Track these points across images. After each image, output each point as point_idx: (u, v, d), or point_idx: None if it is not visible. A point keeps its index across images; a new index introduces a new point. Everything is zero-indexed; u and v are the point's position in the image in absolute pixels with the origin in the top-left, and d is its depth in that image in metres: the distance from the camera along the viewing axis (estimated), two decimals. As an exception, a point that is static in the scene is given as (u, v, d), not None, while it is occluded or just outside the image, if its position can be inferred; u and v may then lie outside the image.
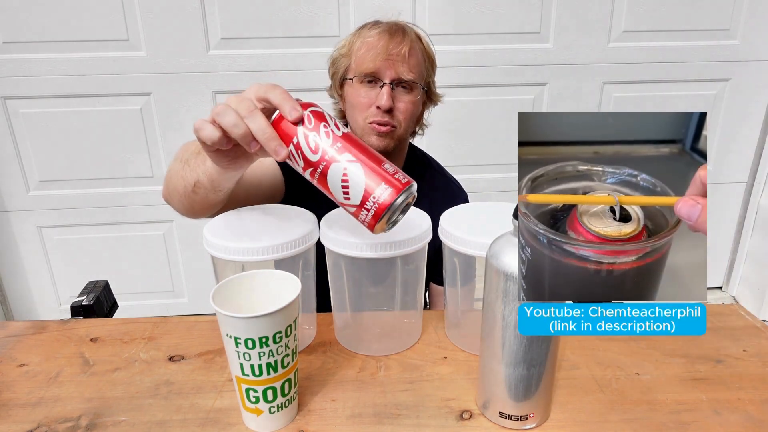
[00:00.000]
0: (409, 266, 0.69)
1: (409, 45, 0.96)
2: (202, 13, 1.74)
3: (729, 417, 0.60)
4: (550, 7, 1.84)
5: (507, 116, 1.97)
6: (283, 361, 0.56)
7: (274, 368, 0.55)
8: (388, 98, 0.95)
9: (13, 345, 0.74)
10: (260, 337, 0.53)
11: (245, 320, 0.52)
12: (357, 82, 0.97)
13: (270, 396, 0.57)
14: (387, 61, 0.94)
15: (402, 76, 0.96)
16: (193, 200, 0.77)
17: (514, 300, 0.52)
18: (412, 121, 1.03)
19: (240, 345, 0.53)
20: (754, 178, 2.14)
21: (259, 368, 0.55)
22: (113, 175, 1.90)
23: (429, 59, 1.02)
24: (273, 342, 0.54)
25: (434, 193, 1.09)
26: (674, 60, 1.94)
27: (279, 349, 0.55)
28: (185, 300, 2.14)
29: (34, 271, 2.02)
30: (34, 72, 1.75)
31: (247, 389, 0.56)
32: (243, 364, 0.54)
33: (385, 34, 0.95)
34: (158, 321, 0.79)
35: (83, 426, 0.59)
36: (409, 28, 0.99)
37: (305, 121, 0.57)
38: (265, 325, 0.53)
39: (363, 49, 0.96)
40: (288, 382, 0.57)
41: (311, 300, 0.74)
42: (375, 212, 0.56)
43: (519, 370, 0.55)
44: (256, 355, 0.54)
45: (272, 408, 0.57)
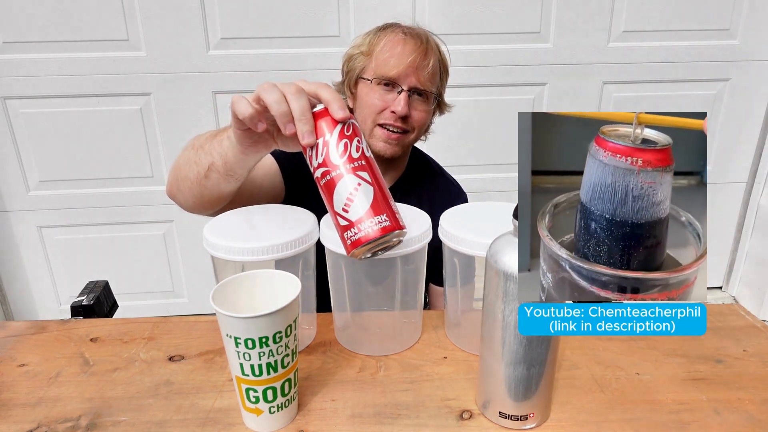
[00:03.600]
0: (409, 266, 0.69)
1: (434, 56, 0.97)
2: (202, 13, 1.74)
3: (729, 417, 0.60)
4: (550, 7, 1.84)
5: (507, 116, 1.97)
6: (283, 361, 0.56)
7: (274, 368, 0.55)
8: (405, 105, 0.95)
9: (13, 345, 0.74)
10: (260, 337, 0.53)
11: (245, 320, 0.52)
12: (374, 83, 0.97)
13: (270, 396, 0.57)
14: (410, 68, 0.95)
15: (421, 86, 0.97)
16: (204, 187, 0.77)
17: (514, 300, 0.52)
18: (424, 129, 1.04)
19: (240, 345, 0.53)
20: (754, 178, 2.13)
21: (259, 368, 0.55)
22: (113, 175, 1.90)
23: (444, 69, 1.03)
24: (273, 342, 0.54)
25: (434, 194, 1.09)
26: (674, 60, 1.94)
27: (279, 349, 0.55)
28: (185, 300, 2.14)
29: (34, 271, 2.02)
30: (34, 72, 1.75)
31: (247, 389, 0.56)
32: (243, 364, 0.54)
33: (411, 42, 0.96)
34: (158, 321, 0.79)
35: (83, 426, 0.59)
36: (432, 38, 1.00)
37: (345, 126, 0.57)
38: (264, 325, 0.53)
39: (386, 53, 0.96)
40: (288, 382, 0.57)
41: (311, 300, 0.74)
42: (363, 236, 0.56)
43: (519, 370, 0.55)
44: (256, 355, 0.54)
45: (272, 408, 0.57)
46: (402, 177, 1.08)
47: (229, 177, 0.75)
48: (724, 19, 1.90)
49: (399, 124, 0.97)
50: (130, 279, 2.04)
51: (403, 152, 1.04)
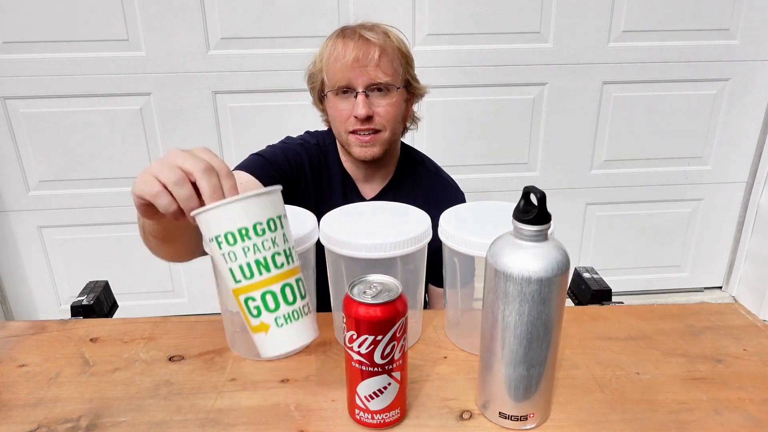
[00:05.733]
0: (408, 266, 0.69)
1: (378, 47, 0.93)
2: (202, 13, 1.74)
3: (729, 416, 0.60)
4: (550, 7, 1.84)
5: (507, 116, 1.97)
6: (274, 260, 0.53)
7: (265, 267, 0.53)
8: (363, 106, 0.94)
9: (13, 345, 0.74)
10: (239, 228, 0.51)
11: (220, 209, 0.51)
12: (332, 95, 0.97)
13: (271, 303, 0.53)
14: (357, 69, 0.93)
15: (375, 81, 0.94)
16: (161, 250, 0.76)
17: (514, 300, 0.52)
18: (397, 122, 1.01)
19: (222, 245, 0.52)
20: (754, 178, 2.13)
21: (248, 267, 0.52)
22: (113, 175, 1.90)
23: (402, 55, 0.99)
24: (255, 234, 0.52)
25: (429, 194, 1.08)
26: (674, 60, 1.93)
27: (265, 244, 0.52)
28: (185, 300, 2.14)
29: (34, 271, 2.02)
30: (34, 72, 1.75)
31: (246, 299, 0.53)
32: (232, 268, 0.52)
33: (349, 41, 0.94)
34: (158, 321, 0.79)
35: (83, 427, 0.59)
36: (378, 28, 0.97)
37: (399, 327, 0.55)
38: (241, 213, 0.51)
39: (331, 61, 0.95)
40: (289, 288, 0.54)
41: (311, 300, 0.74)
42: (373, 424, 0.58)
43: (519, 370, 0.55)
44: (241, 252, 0.52)
45: (278, 319, 0.53)
46: (394, 177, 1.08)
47: (167, 242, 0.73)
48: (724, 19, 1.90)
49: (366, 126, 0.96)
50: (130, 279, 2.04)
51: (387, 151, 1.01)
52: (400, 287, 0.55)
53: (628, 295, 2.26)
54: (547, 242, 0.53)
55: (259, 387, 0.65)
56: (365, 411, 0.57)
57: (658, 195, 2.13)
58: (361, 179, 1.07)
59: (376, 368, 0.55)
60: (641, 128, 2.02)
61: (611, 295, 0.91)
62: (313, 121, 1.12)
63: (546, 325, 0.53)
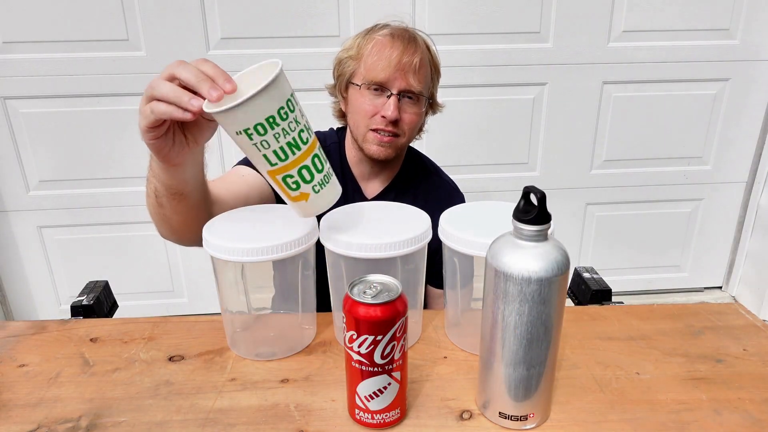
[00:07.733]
0: (408, 266, 0.69)
1: (420, 56, 0.95)
2: (202, 13, 1.74)
3: (729, 416, 0.60)
4: (550, 7, 1.84)
5: (507, 116, 1.97)
6: (300, 137, 0.57)
7: (296, 146, 0.57)
8: (395, 109, 0.94)
9: (13, 345, 0.74)
10: (266, 118, 0.54)
11: (245, 105, 0.53)
12: (364, 88, 0.97)
13: (306, 175, 0.59)
14: (398, 71, 0.94)
15: (410, 88, 0.95)
16: (166, 216, 0.77)
17: (514, 300, 0.52)
18: (415, 131, 1.03)
19: (253, 136, 0.55)
20: (754, 178, 2.13)
21: (282, 151, 0.56)
22: (113, 175, 1.90)
23: (435, 69, 1.02)
24: (281, 119, 0.55)
25: (428, 193, 1.09)
26: (674, 60, 1.93)
27: (290, 126, 0.56)
28: (185, 300, 2.14)
29: (34, 271, 2.02)
30: (34, 72, 1.75)
31: (284, 177, 0.58)
32: (266, 154, 0.56)
33: (398, 43, 0.94)
34: (158, 321, 0.79)
35: (83, 427, 0.59)
36: (420, 37, 0.98)
37: (399, 327, 0.56)
38: (266, 103, 0.54)
39: (374, 57, 0.95)
40: (317, 158, 0.60)
41: (311, 300, 0.74)
42: (372, 424, 0.58)
43: (519, 370, 0.55)
44: (273, 138, 0.55)
45: (315, 187, 0.60)
46: (397, 177, 1.08)
47: (177, 197, 0.74)
48: (724, 19, 1.90)
49: (390, 128, 0.96)
50: (130, 279, 2.04)
51: (397, 154, 1.03)
52: (400, 287, 0.55)
53: (628, 295, 2.26)
54: (547, 242, 0.53)
55: (259, 387, 0.65)
56: (365, 411, 0.57)
57: (658, 195, 2.13)
58: (364, 177, 1.07)
59: (376, 368, 0.55)
60: (641, 128, 2.02)
61: (611, 295, 0.91)
62: (313, 120, 1.12)
63: (546, 325, 0.53)
